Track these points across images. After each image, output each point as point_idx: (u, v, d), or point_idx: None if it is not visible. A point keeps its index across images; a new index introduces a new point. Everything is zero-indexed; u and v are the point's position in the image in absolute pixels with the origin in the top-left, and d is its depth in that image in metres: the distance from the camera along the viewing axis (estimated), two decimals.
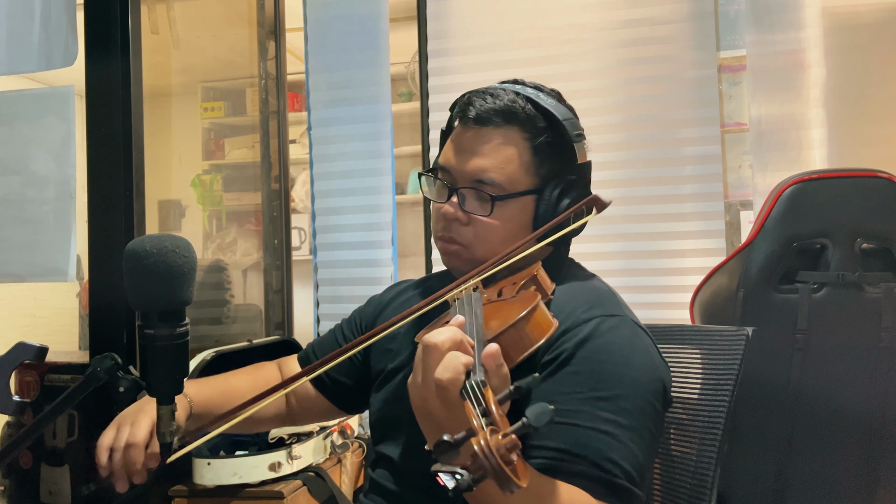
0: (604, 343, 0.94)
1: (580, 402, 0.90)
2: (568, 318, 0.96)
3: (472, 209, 1.03)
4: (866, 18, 1.93)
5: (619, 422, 0.89)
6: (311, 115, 2.26)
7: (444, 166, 1.06)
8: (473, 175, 1.02)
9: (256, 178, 2.42)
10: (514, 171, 1.02)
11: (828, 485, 1.42)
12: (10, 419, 1.72)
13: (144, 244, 0.84)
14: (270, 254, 2.40)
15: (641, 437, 0.90)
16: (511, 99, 1.03)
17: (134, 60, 1.62)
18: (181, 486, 1.66)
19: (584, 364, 0.92)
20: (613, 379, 0.91)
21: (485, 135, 1.02)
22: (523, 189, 1.02)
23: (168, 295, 0.83)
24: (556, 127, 1.03)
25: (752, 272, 1.46)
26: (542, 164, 1.03)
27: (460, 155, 1.04)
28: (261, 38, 2.42)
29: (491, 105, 1.03)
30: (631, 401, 0.91)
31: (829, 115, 1.90)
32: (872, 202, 1.44)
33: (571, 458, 0.87)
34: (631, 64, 2.01)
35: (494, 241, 1.02)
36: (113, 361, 0.86)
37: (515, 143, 1.02)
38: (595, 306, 0.98)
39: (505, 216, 1.02)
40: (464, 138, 1.04)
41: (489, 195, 1.01)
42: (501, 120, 1.02)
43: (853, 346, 1.41)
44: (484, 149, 1.02)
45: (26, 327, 3.28)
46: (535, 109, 1.03)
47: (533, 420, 0.59)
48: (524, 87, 1.07)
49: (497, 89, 1.05)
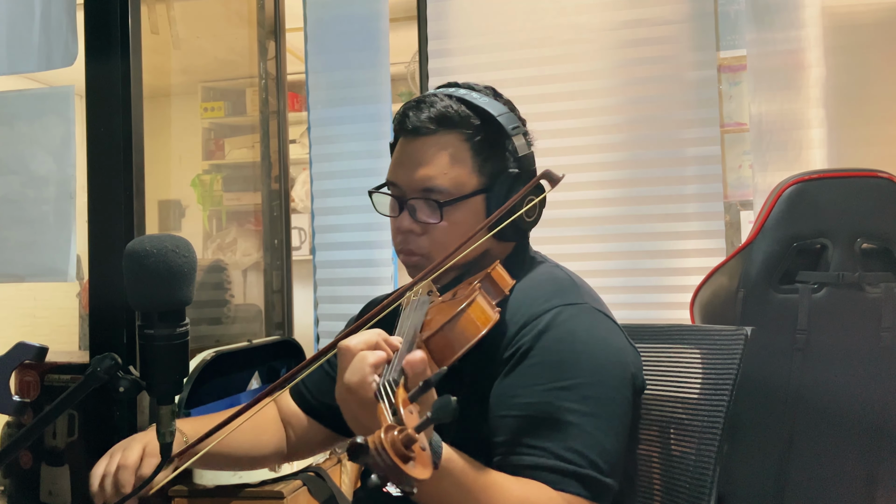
0: (563, 332, 0.94)
1: (541, 393, 0.90)
2: (527, 311, 0.96)
3: (424, 218, 1.03)
4: (866, 18, 1.93)
5: (582, 410, 0.89)
6: (311, 115, 2.26)
7: (392, 181, 1.07)
8: (420, 185, 1.03)
9: (256, 178, 2.42)
10: (458, 175, 1.02)
11: (828, 485, 1.42)
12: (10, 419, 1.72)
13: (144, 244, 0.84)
14: (270, 254, 2.40)
15: (608, 423, 0.90)
16: (444, 105, 1.03)
17: (134, 60, 1.62)
18: (181, 486, 1.66)
19: (543, 355, 0.92)
20: (574, 367, 0.91)
21: (424, 144, 1.03)
22: (470, 190, 1.03)
23: (168, 295, 0.83)
24: (491, 124, 1.04)
25: (752, 272, 1.46)
26: (484, 163, 1.04)
27: (404, 167, 1.05)
28: (261, 38, 2.42)
29: (425, 114, 1.03)
30: (594, 388, 0.91)
31: (830, 115, 1.90)
32: (872, 202, 1.44)
33: (535, 451, 0.87)
34: (631, 64, 2.01)
35: (452, 246, 1.01)
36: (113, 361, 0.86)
37: (455, 146, 1.03)
38: (553, 296, 0.98)
39: (457, 220, 1.03)
40: (405, 151, 1.05)
41: (436, 202, 1.02)
42: (437, 126, 1.03)
43: (853, 346, 1.41)
44: (425, 158, 1.03)
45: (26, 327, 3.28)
46: (468, 110, 1.04)
47: (433, 413, 0.59)
48: (456, 89, 1.08)
49: (430, 96, 1.06)
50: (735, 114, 2.16)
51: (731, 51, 2.13)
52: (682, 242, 1.95)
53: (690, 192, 1.95)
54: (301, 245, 3.19)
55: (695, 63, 1.97)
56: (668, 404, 1.18)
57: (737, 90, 2.15)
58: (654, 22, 1.99)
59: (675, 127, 1.97)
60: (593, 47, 2.03)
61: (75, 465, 1.65)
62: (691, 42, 1.97)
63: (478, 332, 0.82)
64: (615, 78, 2.02)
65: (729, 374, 1.10)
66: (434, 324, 0.83)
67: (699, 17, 1.97)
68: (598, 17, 2.03)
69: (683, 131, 1.96)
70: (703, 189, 1.95)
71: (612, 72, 2.02)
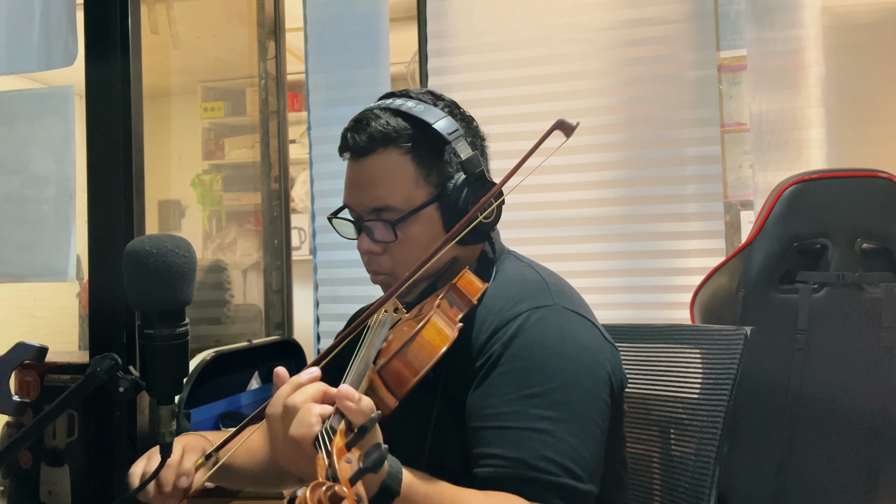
0: (531, 337, 0.92)
1: (511, 402, 0.88)
2: (496, 318, 0.94)
3: (380, 237, 1.03)
4: (866, 18, 1.93)
5: (554, 417, 0.87)
6: (311, 115, 2.26)
7: (347, 204, 1.07)
8: (370, 206, 1.03)
9: (256, 178, 2.42)
10: (404, 190, 1.01)
11: (828, 485, 1.42)
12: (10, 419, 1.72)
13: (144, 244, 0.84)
14: (270, 254, 2.40)
15: (582, 428, 0.88)
16: (382, 122, 1.02)
17: (134, 60, 1.62)
18: None
19: (512, 363, 0.91)
20: (544, 373, 0.89)
21: (366, 165, 1.03)
22: (420, 202, 1.02)
23: (168, 295, 0.83)
24: (429, 132, 1.01)
25: (753, 272, 1.46)
26: (430, 173, 1.03)
27: (353, 190, 1.05)
28: (261, 37, 2.42)
29: (363, 134, 1.03)
30: (565, 393, 0.89)
31: (830, 115, 1.90)
32: (872, 202, 1.44)
33: (508, 463, 0.86)
34: (631, 64, 2.01)
35: (414, 261, 0.99)
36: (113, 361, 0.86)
37: (396, 161, 1.02)
38: (522, 300, 0.96)
39: (413, 234, 1.02)
40: (351, 174, 1.06)
41: (389, 221, 1.01)
42: (376, 145, 1.02)
43: (853, 346, 1.41)
44: (370, 179, 1.02)
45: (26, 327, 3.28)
46: (404, 121, 1.02)
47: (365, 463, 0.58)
48: (393, 100, 1.06)
49: (367, 113, 1.05)
50: (735, 114, 2.16)
51: (731, 51, 2.13)
52: (682, 242, 1.95)
53: (690, 192, 1.95)
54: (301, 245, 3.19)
55: (695, 63, 1.97)
56: (668, 404, 1.18)
57: (737, 90, 2.15)
58: (654, 21, 1.99)
59: (675, 127, 1.97)
60: (593, 47, 2.03)
61: (75, 465, 1.65)
62: (691, 42, 1.97)
63: (434, 354, 0.80)
64: (615, 77, 2.02)
65: (729, 373, 1.10)
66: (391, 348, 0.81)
67: (699, 17, 1.97)
68: (597, 17, 2.03)
69: (683, 131, 1.96)
70: (704, 189, 1.94)
71: (611, 71, 2.02)
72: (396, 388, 0.78)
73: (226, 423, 1.77)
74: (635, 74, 2.00)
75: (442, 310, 0.87)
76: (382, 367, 0.79)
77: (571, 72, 2.04)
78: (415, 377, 0.79)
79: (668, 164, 1.97)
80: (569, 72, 2.04)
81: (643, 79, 1.99)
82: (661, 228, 1.96)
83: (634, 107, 2.00)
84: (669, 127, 1.97)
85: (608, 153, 2.00)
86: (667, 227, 1.96)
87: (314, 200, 2.26)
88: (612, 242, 1.99)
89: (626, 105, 2.01)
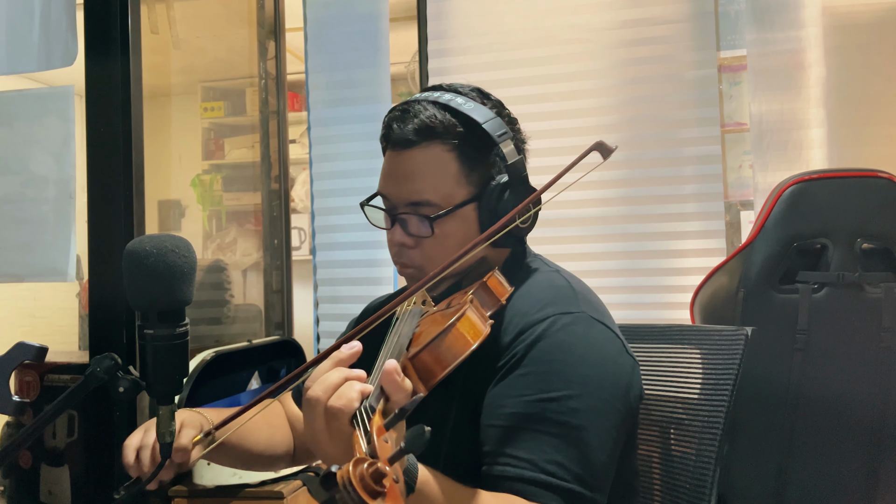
0: (555, 342, 0.92)
1: (528, 404, 0.88)
2: (522, 320, 0.94)
3: (415, 231, 1.01)
4: (866, 18, 1.93)
5: (570, 423, 0.87)
6: (311, 115, 2.26)
7: (382, 193, 1.05)
8: (408, 199, 1.01)
9: (256, 178, 2.42)
10: (445, 187, 1.00)
11: (828, 485, 1.42)
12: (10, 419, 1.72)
13: (144, 244, 0.84)
14: (270, 254, 2.40)
15: (596, 437, 0.88)
16: (428, 114, 1.00)
17: (134, 60, 1.62)
18: (181, 487, 1.66)
19: (534, 365, 0.91)
20: (564, 379, 0.89)
21: (408, 157, 1.01)
22: (460, 201, 1.00)
23: (168, 295, 0.83)
24: (477, 131, 1.00)
25: (753, 272, 1.46)
26: (472, 172, 1.01)
27: (391, 182, 1.03)
28: (261, 37, 2.42)
29: (409, 125, 1.00)
30: (583, 400, 0.89)
31: (830, 115, 1.90)
32: (872, 202, 1.44)
33: (518, 463, 0.86)
34: (631, 64, 2.01)
35: (444, 258, 0.97)
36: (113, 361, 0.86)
37: (439, 158, 1.00)
38: (549, 305, 0.96)
39: (447, 232, 1.00)
40: (391, 164, 1.03)
41: (426, 216, 0.99)
42: (421, 138, 1.00)
43: (853, 346, 1.41)
44: (411, 172, 1.00)
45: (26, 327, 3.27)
46: (452, 117, 1.00)
47: (406, 444, 0.57)
48: (442, 94, 1.03)
49: (414, 105, 1.02)
50: (735, 114, 2.16)
51: (731, 51, 2.13)
52: (682, 242, 1.95)
53: (691, 191, 1.95)
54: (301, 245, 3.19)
55: (695, 62, 1.97)
56: (669, 404, 1.18)
57: (737, 90, 2.16)
58: (654, 21, 1.99)
59: (675, 126, 1.97)
60: (593, 47, 2.03)
61: (75, 465, 1.65)
62: (691, 41, 1.97)
63: (467, 347, 0.80)
64: (615, 77, 2.02)
65: (729, 374, 1.10)
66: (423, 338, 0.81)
67: (699, 17, 1.97)
68: (597, 17, 2.03)
69: (683, 131, 1.96)
70: (704, 189, 1.94)
71: (612, 71, 2.02)
72: (426, 378, 0.78)
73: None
74: (635, 74, 2.00)
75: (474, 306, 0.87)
76: (415, 355, 0.78)
77: (572, 72, 2.04)
78: (446, 369, 0.78)
79: (668, 163, 1.97)
80: (569, 72, 2.04)
81: (643, 79, 2.00)
82: (661, 228, 1.96)
83: (635, 107, 2.00)
84: (669, 127, 1.97)
85: None
86: (666, 226, 1.96)
87: (314, 200, 2.26)
88: (613, 242, 1.99)
89: (627, 105, 2.01)
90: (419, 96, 1.05)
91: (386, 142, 1.05)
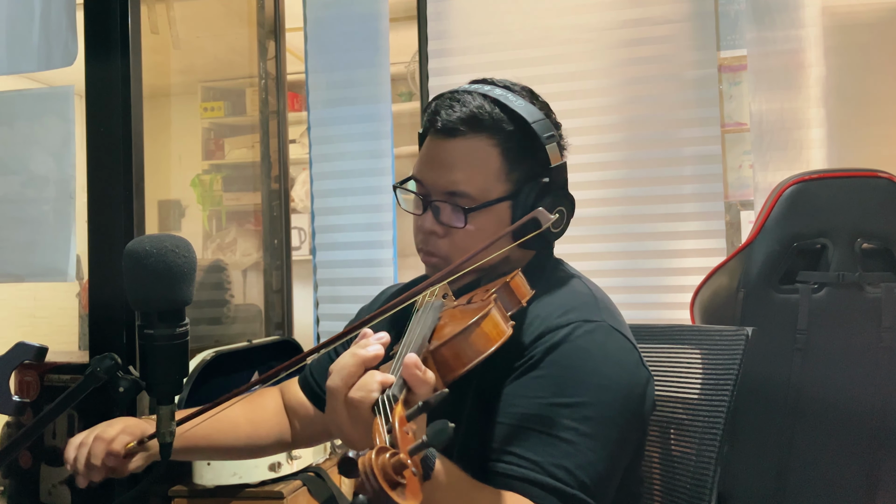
0: (574, 349, 0.91)
1: (541, 406, 0.88)
2: (543, 323, 0.94)
3: (447, 221, 1.00)
4: (866, 18, 1.93)
5: (580, 430, 0.87)
6: (311, 115, 2.26)
7: (418, 178, 1.03)
8: (445, 188, 0.99)
9: (256, 178, 2.42)
10: (485, 180, 0.99)
11: (828, 485, 1.42)
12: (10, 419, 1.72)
13: (144, 244, 0.84)
14: (270, 254, 2.40)
15: (604, 446, 0.88)
16: (477, 105, 0.99)
17: (134, 60, 1.62)
18: (181, 487, 1.66)
19: (550, 369, 0.90)
20: (580, 385, 0.89)
21: (452, 146, 0.99)
22: (497, 197, 1.00)
23: (168, 295, 0.84)
24: (525, 130, 1.00)
25: (753, 272, 1.46)
26: (513, 170, 1.00)
27: (430, 168, 1.01)
28: (261, 37, 2.42)
29: (457, 114, 0.99)
30: (596, 409, 0.88)
31: (830, 115, 1.90)
32: (872, 202, 1.44)
33: (524, 463, 0.86)
34: (631, 64, 2.01)
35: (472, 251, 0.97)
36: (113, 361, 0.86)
37: (484, 151, 0.99)
38: (571, 311, 0.96)
39: (480, 225, 0.99)
40: (432, 150, 1.02)
41: (461, 207, 0.98)
42: (468, 129, 0.99)
43: (853, 346, 1.41)
44: (453, 161, 0.99)
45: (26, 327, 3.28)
46: (502, 113, 1.00)
47: (430, 438, 0.57)
48: (493, 88, 1.02)
49: (463, 94, 1.01)
50: (735, 114, 2.16)
51: (731, 50, 2.13)
52: (682, 242, 1.95)
53: (691, 191, 1.95)
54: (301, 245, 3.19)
55: (695, 62, 1.97)
56: (669, 404, 1.18)
57: (737, 90, 2.16)
58: (654, 21, 1.99)
59: (675, 126, 1.97)
60: (593, 47, 2.03)
61: None
62: (691, 41, 1.97)
63: (489, 346, 0.79)
64: (615, 77, 2.02)
65: (730, 374, 1.10)
66: (445, 333, 0.80)
67: (699, 17, 1.97)
68: (597, 17, 2.03)
69: (684, 131, 1.96)
70: (704, 189, 1.94)
71: (612, 71, 2.02)
72: (446, 373, 0.78)
73: None
74: (635, 74, 2.00)
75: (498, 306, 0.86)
76: (437, 349, 0.78)
77: (572, 72, 2.04)
78: (466, 366, 0.78)
79: (668, 163, 1.97)
80: (569, 72, 2.04)
81: (643, 79, 1.99)
82: (661, 228, 1.96)
83: (635, 107, 2.00)
84: (669, 127, 1.97)
85: (609, 153, 2.00)
86: (666, 226, 1.96)
87: (314, 200, 2.26)
88: (613, 242, 1.99)
89: (627, 105, 2.01)
90: (469, 87, 1.04)
91: (430, 126, 1.03)
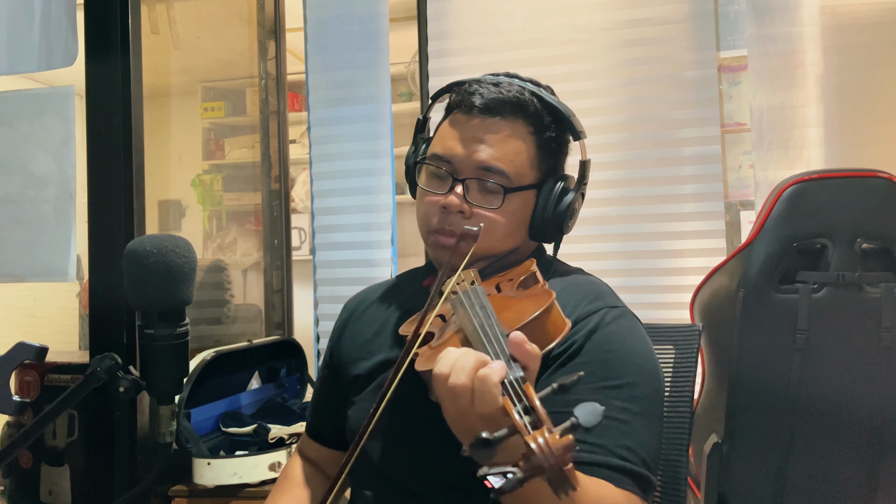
0: (609, 333, 0.94)
1: (591, 391, 0.90)
2: (573, 312, 0.96)
3: (475, 200, 0.99)
4: (866, 17, 1.93)
5: (632, 409, 0.89)
6: (311, 115, 2.26)
7: (444, 156, 1.01)
8: (481, 164, 0.98)
9: (256, 178, 2.42)
10: (521, 164, 1.00)
11: (828, 485, 1.42)
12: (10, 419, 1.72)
13: (144, 244, 0.84)
14: (270, 254, 2.40)
15: (652, 423, 0.92)
16: (518, 90, 1.01)
17: (134, 60, 1.62)
18: (181, 486, 1.66)
19: (593, 354, 0.93)
20: (622, 368, 0.92)
21: (493, 124, 0.99)
22: (527, 183, 1.01)
23: (168, 295, 0.84)
24: (561, 123, 1.04)
25: (753, 272, 1.46)
26: (543, 160, 1.03)
27: (462, 144, 1.00)
28: (261, 38, 2.42)
29: (498, 95, 1.00)
30: (640, 388, 0.92)
31: (830, 115, 1.90)
32: (872, 202, 1.44)
33: (590, 448, 0.87)
34: (631, 64, 2.01)
35: (498, 236, 1.00)
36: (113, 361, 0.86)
37: (523, 136, 1.00)
38: (597, 298, 0.99)
39: (509, 210, 1.00)
40: (469, 126, 1.00)
41: (501, 186, 0.98)
42: (510, 111, 1.00)
43: (853, 346, 1.41)
44: (492, 138, 0.99)
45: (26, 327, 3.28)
46: (540, 104, 1.02)
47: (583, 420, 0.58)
48: (524, 82, 1.05)
49: (501, 79, 1.04)
50: (735, 114, 2.16)
51: (731, 51, 2.13)
52: (682, 242, 1.95)
53: (691, 191, 1.95)
54: (301, 245, 3.19)
55: (695, 62, 1.97)
56: None
57: (737, 90, 2.16)
58: (654, 21, 1.99)
59: (675, 126, 1.97)
60: (593, 47, 2.03)
61: (75, 465, 1.65)
62: (691, 41, 1.97)
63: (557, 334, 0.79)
64: (615, 78, 2.02)
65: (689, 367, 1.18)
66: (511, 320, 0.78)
67: (699, 17, 1.97)
68: (598, 17, 2.03)
69: (684, 131, 1.96)
70: (704, 189, 1.94)
71: (612, 71, 2.02)
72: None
73: (226, 422, 1.77)
74: (635, 74, 2.00)
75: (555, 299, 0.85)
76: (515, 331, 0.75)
77: (572, 72, 2.04)
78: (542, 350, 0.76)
79: (668, 163, 1.97)
80: (569, 72, 2.04)
81: (643, 79, 1.99)
82: (661, 228, 1.96)
83: (635, 107, 2.00)
84: (669, 127, 1.97)
85: (608, 153, 2.00)
86: (667, 226, 1.96)
87: (314, 200, 2.26)
88: (613, 242, 1.99)
89: (627, 105, 2.01)
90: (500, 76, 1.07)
91: (465, 104, 1.01)
